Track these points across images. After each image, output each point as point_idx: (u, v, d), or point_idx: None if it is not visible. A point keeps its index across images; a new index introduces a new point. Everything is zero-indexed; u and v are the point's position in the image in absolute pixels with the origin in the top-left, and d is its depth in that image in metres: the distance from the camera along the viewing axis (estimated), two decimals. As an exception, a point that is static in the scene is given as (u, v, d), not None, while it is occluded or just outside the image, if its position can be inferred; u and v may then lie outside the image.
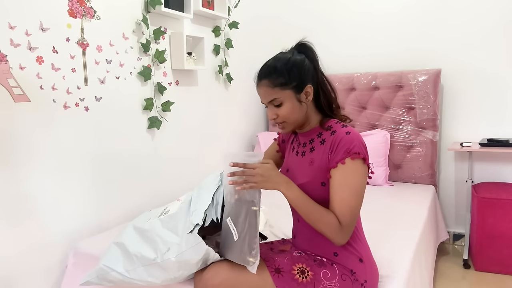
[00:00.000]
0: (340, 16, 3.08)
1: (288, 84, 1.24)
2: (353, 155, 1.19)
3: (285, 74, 1.24)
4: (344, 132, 1.23)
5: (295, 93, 1.25)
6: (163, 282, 1.31)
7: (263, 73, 1.28)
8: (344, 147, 1.20)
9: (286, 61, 1.26)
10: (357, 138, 1.22)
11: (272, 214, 2.04)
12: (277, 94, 1.25)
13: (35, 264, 1.75)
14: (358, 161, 1.20)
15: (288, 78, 1.24)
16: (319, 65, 1.31)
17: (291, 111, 1.26)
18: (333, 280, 1.24)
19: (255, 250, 1.21)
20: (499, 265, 2.44)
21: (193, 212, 1.32)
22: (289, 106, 1.25)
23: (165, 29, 2.33)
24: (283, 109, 1.26)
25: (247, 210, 1.21)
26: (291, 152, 1.41)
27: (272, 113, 1.28)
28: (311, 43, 1.32)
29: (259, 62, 1.34)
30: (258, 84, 1.29)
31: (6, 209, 1.64)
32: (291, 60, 1.26)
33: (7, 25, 1.59)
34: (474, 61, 2.71)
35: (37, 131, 1.73)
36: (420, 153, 2.77)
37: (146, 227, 1.38)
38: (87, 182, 1.95)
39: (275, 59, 1.29)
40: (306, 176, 1.28)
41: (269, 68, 1.27)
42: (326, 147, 1.26)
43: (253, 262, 1.20)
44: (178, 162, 2.51)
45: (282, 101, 1.25)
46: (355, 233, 1.29)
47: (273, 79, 1.24)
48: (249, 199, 1.22)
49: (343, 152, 1.20)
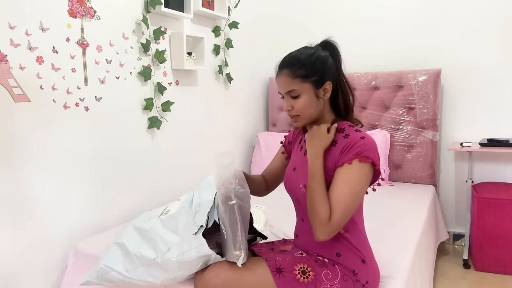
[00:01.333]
0: (339, 16, 3.08)
1: (308, 77, 1.23)
2: (362, 158, 1.18)
3: (307, 67, 1.23)
4: (359, 137, 1.22)
5: (314, 88, 1.24)
6: (163, 282, 1.31)
7: (286, 62, 1.27)
8: (356, 149, 1.19)
9: (310, 55, 1.25)
10: (371, 144, 1.21)
11: (272, 214, 2.04)
12: (296, 85, 1.24)
13: (35, 264, 1.75)
14: (366, 165, 1.19)
15: (309, 71, 1.23)
16: (341, 65, 1.31)
17: (307, 104, 1.25)
18: (335, 281, 1.23)
19: (238, 243, 1.21)
20: (499, 265, 2.44)
21: (196, 213, 1.32)
22: (306, 99, 1.24)
23: (165, 29, 2.33)
24: (299, 101, 1.25)
25: (227, 206, 1.22)
26: (299, 150, 1.40)
27: (287, 104, 1.27)
28: (336, 42, 1.31)
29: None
30: (279, 73, 1.28)
31: (6, 208, 1.64)
32: (315, 54, 1.26)
33: (7, 25, 1.59)
34: (474, 61, 2.71)
35: (37, 131, 1.73)
36: (420, 153, 2.77)
37: (146, 227, 1.38)
38: (87, 182, 1.95)
39: (299, 51, 1.28)
40: None
41: (292, 58, 1.26)
42: (337, 149, 1.24)
43: (238, 255, 1.20)
44: (178, 161, 2.51)
45: (300, 93, 1.24)
46: (358, 234, 1.29)
47: (295, 70, 1.24)
48: (227, 195, 1.22)
49: (353, 154, 1.19)
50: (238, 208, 1.22)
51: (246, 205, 1.26)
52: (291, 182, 1.37)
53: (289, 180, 1.38)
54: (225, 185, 1.23)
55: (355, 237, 1.28)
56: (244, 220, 1.25)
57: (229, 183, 1.24)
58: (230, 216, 1.21)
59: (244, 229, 1.24)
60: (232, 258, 1.22)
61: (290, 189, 1.39)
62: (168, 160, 2.43)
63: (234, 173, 1.26)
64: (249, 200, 1.30)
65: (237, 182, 1.25)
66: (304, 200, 1.30)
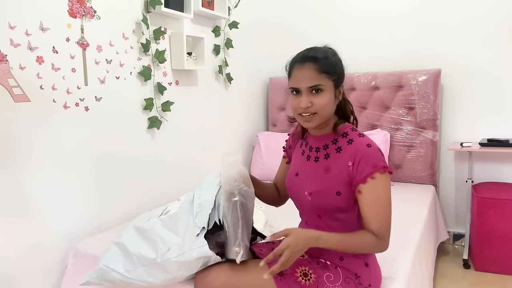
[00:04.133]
0: (340, 19, 3.08)
1: (333, 75, 1.20)
2: (382, 169, 1.18)
3: (333, 64, 1.21)
4: (365, 145, 1.21)
5: (334, 87, 1.22)
6: (163, 282, 1.31)
7: (312, 56, 1.20)
8: (370, 161, 1.18)
9: (335, 53, 1.25)
10: (379, 150, 1.22)
11: (272, 214, 2.03)
12: (322, 80, 1.19)
13: (35, 264, 1.75)
14: (386, 175, 1.20)
15: (334, 69, 1.21)
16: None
17: (328, 102, 1.20)
18: (336, 283, 1.23)
19: (238, 240, 1.21)
20: (499, 265, 2.44)
21: (197, 213, 1.32)
22: (327, 97, 1.20)
23: (165, 29, 2.33)
24: (321, 98, 1.19)
25: (231, 203, 1.23)
26: (301, 156, 1.37)
27: (307, 100, 1.19)
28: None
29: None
30: (301, 66, 1.20)
31: (6, 208, 1.64)
32: (336, 55, 1.25)
33: (7, 25, 1.59)
34: (474, 61, 2.71)
35: (37, 131, 1.72)
36: (420, 153, 2.77)
37: (146, 227, 1.38)
38: (87, 181, 1.95)
39: (321, 48, 1.25)
40: (320, 184, 1.26)
41: (319, 52, 1.21)
42: (344, 157, 1.23)
43: (237, 252, 1.21)
44: (178, 162, 2.51)
45: (324, 89, 1.19)
46: None
47: (322, 64, 1.19)
48: (231, 191, 1.23)
49: (371, 167, 1.18)
50: (241, 205, 1.23)
51: (249, 204, 1.26)
52: (294, 188, 1.36)
53: (292, 185, 1.37)
54: (229, 182, 1.24)
55: None
56: (247, 219, 1.25)
57: (233, 180, 1.24)
58: (232, 213, 1.22)
59: (246, 227, 1.24)
60: (232, 255, 1.22)
61: (293, 195, 1.38)
62: (168, 160, 2.43)
63: (239, 172, 1.25)
64: (253, 200, 1.30)
65: (242, 180, 1.25)
66: (309, 207, 1.30)
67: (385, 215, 1.21)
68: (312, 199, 1.26)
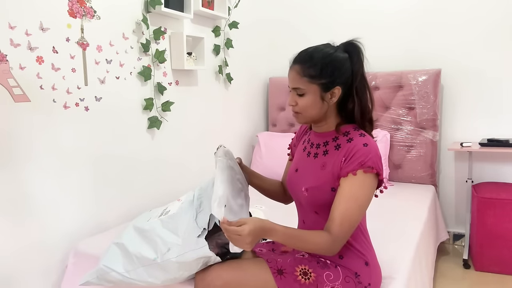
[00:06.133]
0: (339, 18, 3.08)
1: (317, 79, 1.19)
2: (367, 168, 1.16)
3: (318, 68, 1.19)
4: (362, 143, 1.19)
5: (320, 90, 1.20)
6: (164, 282, 1.31)
7: (299, 58, 1.23)
8: (359, 158, 1.17)
9: (326, 55, 1.21)
10: (374, 151, 1.19)
11: (272, 214, 2.03)
12: (303, 84, 1.20)
13: (35, 264, 1.75)
14: (370, 175, 1.17)
15: (319, 73, 1.19)
16: (363, 69, 1.25)
17: (310, 105, 1.22)
18: (336, 282, 1.23)
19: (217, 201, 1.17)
20: (499, 265, 2.44)
21: (198, 214, 1.32)
22: (309, 100, 1.21)
23: (165, 29, 2.33)
24: (303, 100, 1.22)
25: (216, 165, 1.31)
26: (302, 152, 1.38)
27: (292, 99, 1.25)
28: (361, 44, 1.27)
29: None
30: (290, 67, 1.25)
31: (6, 208, 1.64)
32: (331, 56, 1.21)
33: (7, 25, 1.59)
34: (474, 61, 2.71)
35: (37, 131, 1.72)
36: (420, 153, 2.77)
37: (146, 227, 1.38)
38: (87, 181, 1.95)
39: (317, 48, 1.24)
40: (316, 180, 1.26)
41: (306, 55, 1.22)
42: (340, 153, 1.22)
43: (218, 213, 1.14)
44: (178, 162, 2.51)
45: (304, 92, 1.21)
46: (361, 236, 1.29)
47: (305, 68, 1.20)
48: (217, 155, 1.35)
49: (357, 164, 1.17)
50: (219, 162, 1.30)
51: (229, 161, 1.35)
52: (293, 183, 1.36)
53: (291, 181, 1.38)
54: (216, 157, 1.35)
55: (359, 241, 1.28)
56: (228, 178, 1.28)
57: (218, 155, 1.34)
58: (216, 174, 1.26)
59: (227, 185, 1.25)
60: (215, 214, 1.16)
61: (292, 190, 1.38)
62: (168, 160, 2.43)
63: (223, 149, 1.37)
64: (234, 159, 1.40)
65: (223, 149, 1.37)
66: (306, 203, 1.30)
67: (351, 216, 1.16)
68: (308, 195, 1.27)
